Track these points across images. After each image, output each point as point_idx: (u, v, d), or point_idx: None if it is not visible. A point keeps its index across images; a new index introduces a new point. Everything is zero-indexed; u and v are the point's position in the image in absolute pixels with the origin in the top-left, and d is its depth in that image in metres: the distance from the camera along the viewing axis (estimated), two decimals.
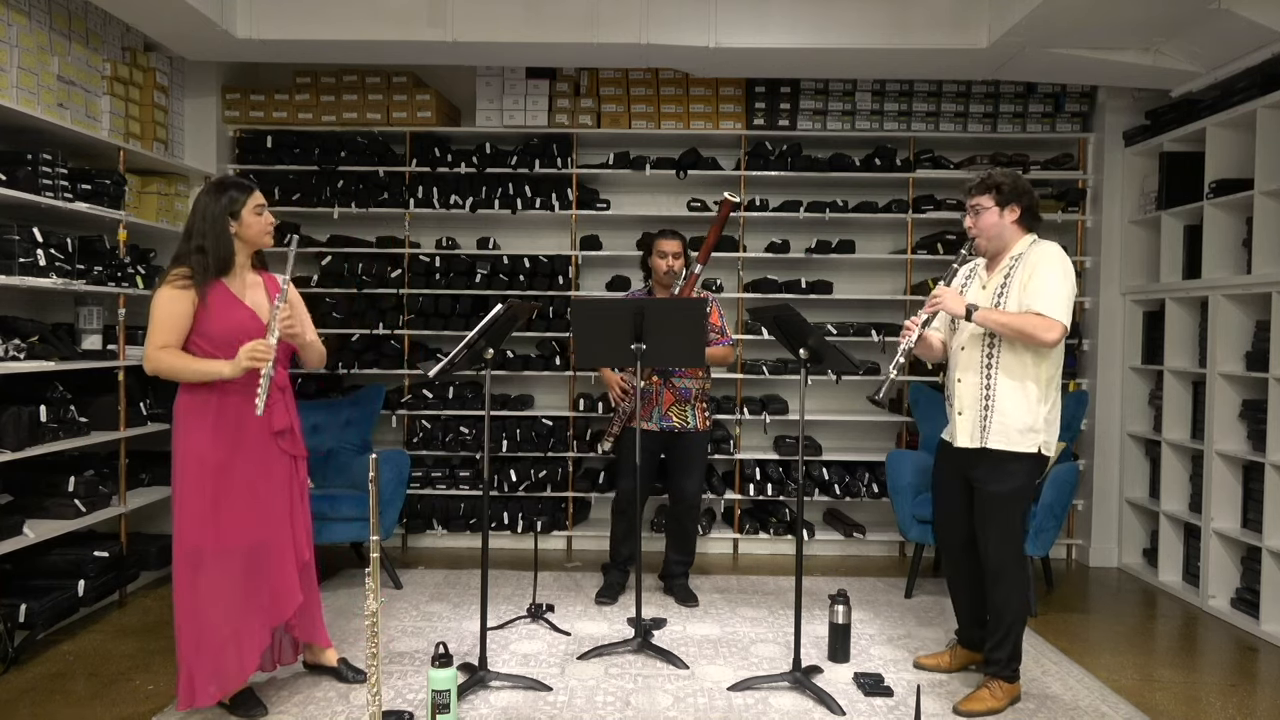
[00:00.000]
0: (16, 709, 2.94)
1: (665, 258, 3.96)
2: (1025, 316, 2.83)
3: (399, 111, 5.05)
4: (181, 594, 2.72)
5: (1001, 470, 2.93)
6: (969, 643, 3.29)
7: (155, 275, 4.38)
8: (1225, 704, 3.18)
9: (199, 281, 2.70)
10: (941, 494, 3.23)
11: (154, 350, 2.67)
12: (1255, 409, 4.04)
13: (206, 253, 2.72)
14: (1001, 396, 2.90)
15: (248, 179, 2.84)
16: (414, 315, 5.03)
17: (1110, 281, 5.03)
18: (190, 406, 2.72)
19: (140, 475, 4.35)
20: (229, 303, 2.75)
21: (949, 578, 3.32)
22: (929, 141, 5.14)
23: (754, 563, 4.95)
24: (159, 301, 2.69)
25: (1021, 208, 2.95)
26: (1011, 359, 2.89)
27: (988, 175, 2.99)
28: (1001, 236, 2.98)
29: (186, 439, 2.72)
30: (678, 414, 4.00)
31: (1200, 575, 4.28)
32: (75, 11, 4.06)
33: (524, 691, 3.09)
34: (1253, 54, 4.02)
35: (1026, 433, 2.90)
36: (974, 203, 2.99)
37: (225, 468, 2.72)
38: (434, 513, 5.00)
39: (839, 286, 5.14)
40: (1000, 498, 2.94)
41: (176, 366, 2.68)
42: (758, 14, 4.30)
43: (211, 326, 2.70)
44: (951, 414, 3.07)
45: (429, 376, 3.14)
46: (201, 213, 2.75)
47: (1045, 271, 2.85)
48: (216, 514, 2.71)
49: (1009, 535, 2.95)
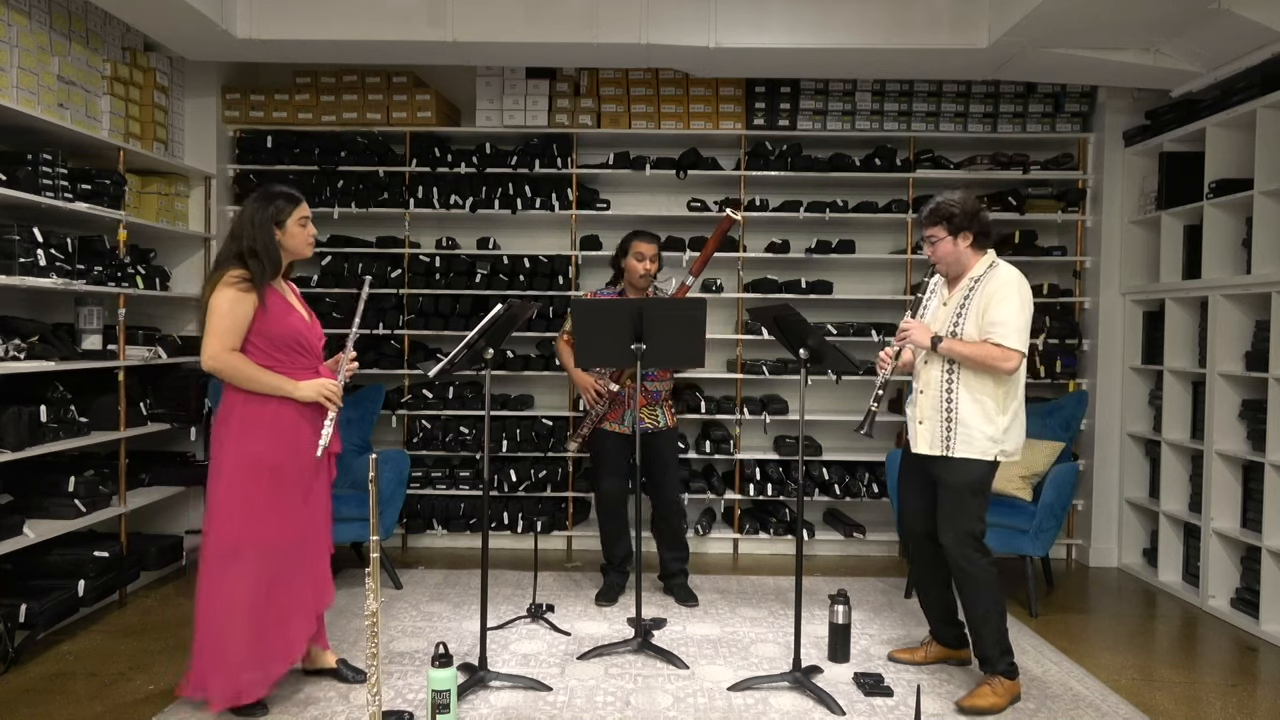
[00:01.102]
0: (16, 709, 2.94)
1: (643, 260, 3.95)
2: (985, 347, 2.96)
3: (399, 111, 5.05)
4: (218, 593, 2.75)
5: (961, 465, 3.03)
6: (942, 639, 3.37)
7: (155, 275, 4.40)
8: (1225, 704, 3.18)
9: (258, 284, 2.75)
10: (904, 492, 3.34)
11: (221, 351, 2.72)
12: (1255, 409, 4.04)
13: (260, 256, 2.77)
14: (964, 409, 3.02)
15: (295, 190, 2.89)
16: (414, 315, 5.03)
17: (1110, 281, 5.03)
18: (248, 411, 2.77)
19: (140, 475, 4.35)
20: (285, 307, 2.84)
21: (916, 576, 3.41)
22: (929, 141, 5.14)
23: (754, 563, 4.95)
24: (220, 303, 2.72)
25: (974, 233, 3.05)
26: (971, 377, 3.02)
27: (936, 206, 3.07)
28: (959, 261, 3.09)
29: (241, 441, 2.77)
30: (649, 415, 4.02)
31: (1200, 575, 4.28)
32: (75, 11, 4.06)
33: (524, 691, 3.09)
34: (1253, 54, 4.02)
35: (988, 441, 3.00)
36: (928, 234, 3.08)
37: (279, 469, 2.79)
38: (434, 513, 5.00)
39: (839, 286, 5.14)
40: (957, 489, 3.03)
41: (248, 374, 2.74)
42: (758, 14, 4.30)
43: (271, 328, 2.77)
44: (911, 422, 3.17)
45: (429, 376, 3.14)
46: (249, 218, 2.81)
47: (1001, 302, 2.97)
48: (265, 513, 2.76)
49: (967, 528, 3.02)
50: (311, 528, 2.89)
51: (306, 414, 2.81)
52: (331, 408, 2.80)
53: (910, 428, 3.19)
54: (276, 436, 2.78)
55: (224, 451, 2.78)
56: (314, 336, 2.91)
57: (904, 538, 3.47)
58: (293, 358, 2.82)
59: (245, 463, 2.76)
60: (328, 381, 2.82)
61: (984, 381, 3.00)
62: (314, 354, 2.89)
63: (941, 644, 3.38)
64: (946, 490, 3.05)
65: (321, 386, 2.80)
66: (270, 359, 2.78)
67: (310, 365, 2.87)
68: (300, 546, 2.86)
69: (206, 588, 2.78)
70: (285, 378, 2.78)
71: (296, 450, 2.80)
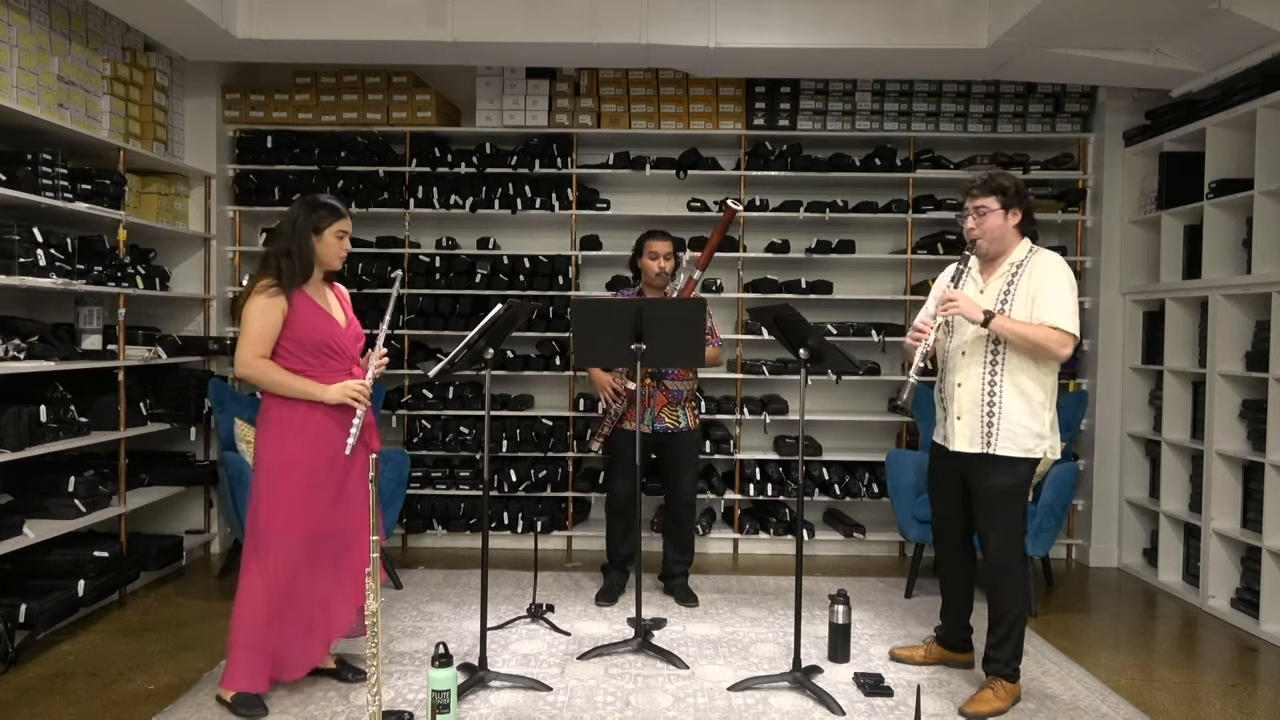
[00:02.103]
0: (16, 709, 2.94)
1: (657, 258, 3.95)
2: (1043, 329, 2.83)
3: (399, 111, 5.05)
4: (252, 585, 2.86)
5: (1004, 469, 2.93)
6: (949, 643, 3.33)
7: (155, 275, 4.40)
8: (1225, 704, 3.18)
9: (286, 287, 2.84)
10: (939, 496, 3.23)
11: (252, 359, 2.83)
12: (1255, 409, 4.04)
13: (293, 257, 2.86)
14: (1008, 403, 2.90)
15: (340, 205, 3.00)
16: (414, 315, 5.03)
17: (1110, 281, 5.03)
18: (282, 415, 2.88)
19: (140, 475, 4.35)
20: (314, 309, 2.92)
21: (944, 579, 3.33)
22: (929, 141, 5.14)
23: (754, 563, 4.95)
24: (252, 311, 2.83)
25: (1023, 211, 2.96)
26: (1019, 366, 2.89)
27: (990, 176, 2.96)
28: (1003, 240, 2.97)
29: (278, 444, 2.88)
30: (670, 415, 4.01)
31: (1200, 575, 4.28)
32: (75, 11, 4.06)
33: (524, 691, 3.09)
34: (1253, 54, 4.02)
35: (1034, 438, 2.91)
36: (978, 204, 2.96)
37: (315, 469, 2.89)
38: (434, 513, 5.00)
39: (839, 286, 5.14)
40: (1002, 494, 2.94)
41: (277, 380, 2.85)
42: (757, 14, 4.30)
43: (301, 331, 2.86)
44: (949, 418, 3.05)
45: (429, 376, 3.15)
46: (292, 220, 2.91)
47: (1055, 285, 2.86)
48: (298, 510, 2.86)
49: (1012, 533, 2.96)
50: (347, 524, 2.95)
51: (335, 415, 2.89)
52: (359, 407, 2.87)
53: (944, 426, 3.07)
54: (306, 438, 2.87)
55: (261, 452, 2.91)
56: (348, 339, 2.98)
57: (935, 539, 3.35)
58: (324, 361, 2.90)
59: (279, 463, 2.87)
60: (352, 383, 2.89)
61: (1031, 373, 2.88)
62: (347, 356, 2.96)
63: (945, 646, 3.34)
64: (990, 494, 2.95)
65: (346, 389, 2.86)
66: (302, 363, 2.87)
67: (343, 368, 2.94)
68: (333, 542, 2.93)
69: (244, 580, 2.89)
70: (313, 382, 2.86)
71: (327, 450, 2.88)
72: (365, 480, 2.98)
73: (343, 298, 3.10)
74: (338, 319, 2.99)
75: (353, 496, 2.96)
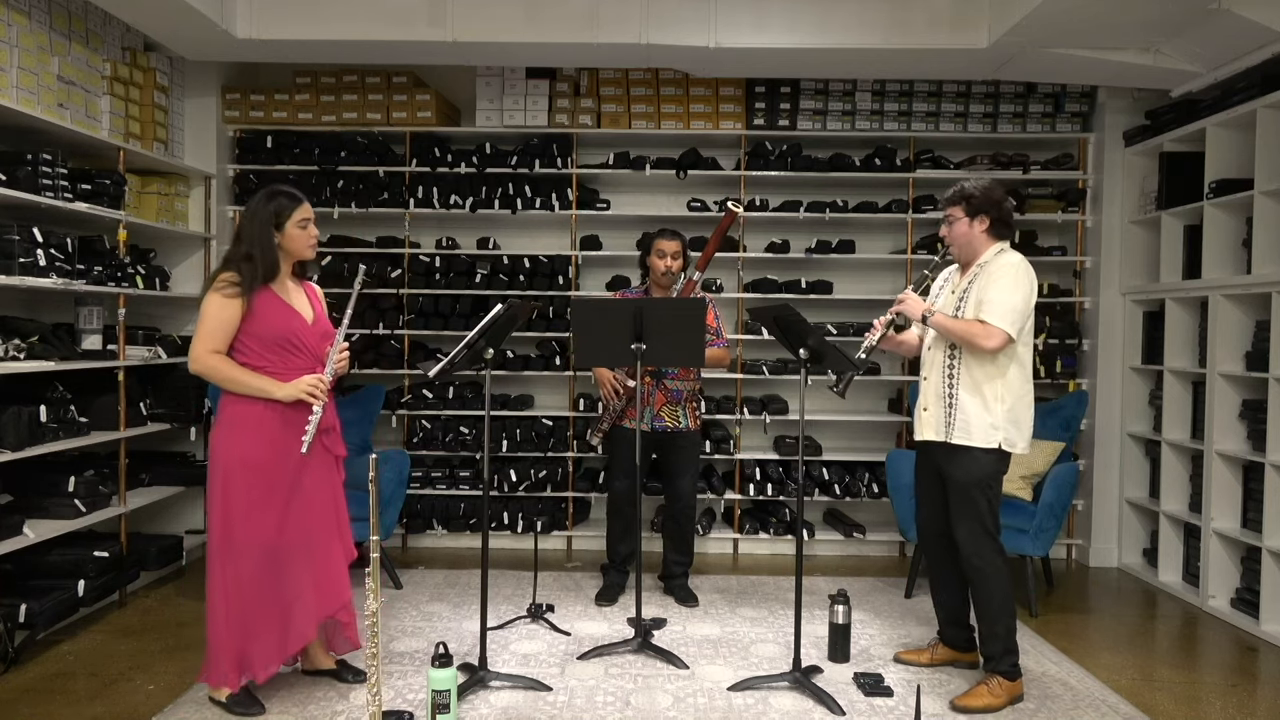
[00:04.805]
0: (16, 709, 2.94)
1: (664, 257, 3.96)
2: (969, 323, 2.99)
3: (399, 111, 5.05)
4: (214, 585, 2.81)
5: (966, 459, 3.03)
6: (950, 641, 3.36)
7: (155, 275, 4.40)
8: (1225, 704, 3.18)
9: (246, 289, 2.78)
10: (920, 491, 3.34)
11: (204, 353, 2.77)
12: (1255, 409, 4.04)
13: (255, 260, 2.80)
14: (963, 396, 3.04)
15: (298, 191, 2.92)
16: (414, 315, 5.03)
17: (1110, 281, 5.03)
18: (236, 413, 2.82)
19: (140, 475, 4.35)
20: (277, 307, 2.85)
21: (930, 576, 3.40)
22: (929, 141, 5.14)
23: (754, 563, 4.95)
24: (208, 307, 2.78)
25: (990, 218, 3.07)
26: (971, 365, 3.04)
27: (959, 187, 3.14)
28: (971, 245, 3.11)
29: (230, 442, 2.81)
30: (669, 414, 4.01)
31: (1200, 575, 4.28)
32: (75, 11, 4.06)
33: (524, 691, 3.09)
34: (1253, 54, 4.02)
35: (989, 429, 3.00)
36: (947, 213, 3.15)
37: (268, 469, 2.81)
38: (434, 513, 5.00)
39: (839, 286, 5.14)
40: (965, 486, 3.03)
41: (229, 375, 2.79)
42: (757, 14, 4.30)
43: (260, 327, 2.80)
44: (917, 409, 3.20)
45: (429, 376, 3.14)
46: (250, 218, 2.85)
47: (998, 282, 2.99)
48: (252, 511, 2.79)
49: (979, 525, 3.02)
50: (311, 527, 2.88)
51: (291, 414, 2.82)
52: (315, 404, 2.80)
53: (916, 415, 3.21)
54: (261, 436, 2.80)
55: (216, 451, 2.84)
56: (313, 336, 2.90)
57: (918, 536, 3.47)
58: (285, 358, 2.83)
59: (233, 462, 2.80)
60: (308, 378, 2.81)
61: (986, 368, 3.01)
62: (311, 354, 2.88)
63: (950, 646, 3.36)
64: (954, 486, 3.06)
65: (301, 384, 2.79)
66: (261, 359, 2.81)
67: (307, 365, 2.87)
68: (301, 546, 2.86)
69: (209, 581, 2.85)
70: (268, 378, 2.79)
71: (281, 449, 2.81)
72: (328, 479, 2.96)
73: (314, 295, 3.03)
74: (303, 314, 2.91)
75: (313, 496, 2.88)
